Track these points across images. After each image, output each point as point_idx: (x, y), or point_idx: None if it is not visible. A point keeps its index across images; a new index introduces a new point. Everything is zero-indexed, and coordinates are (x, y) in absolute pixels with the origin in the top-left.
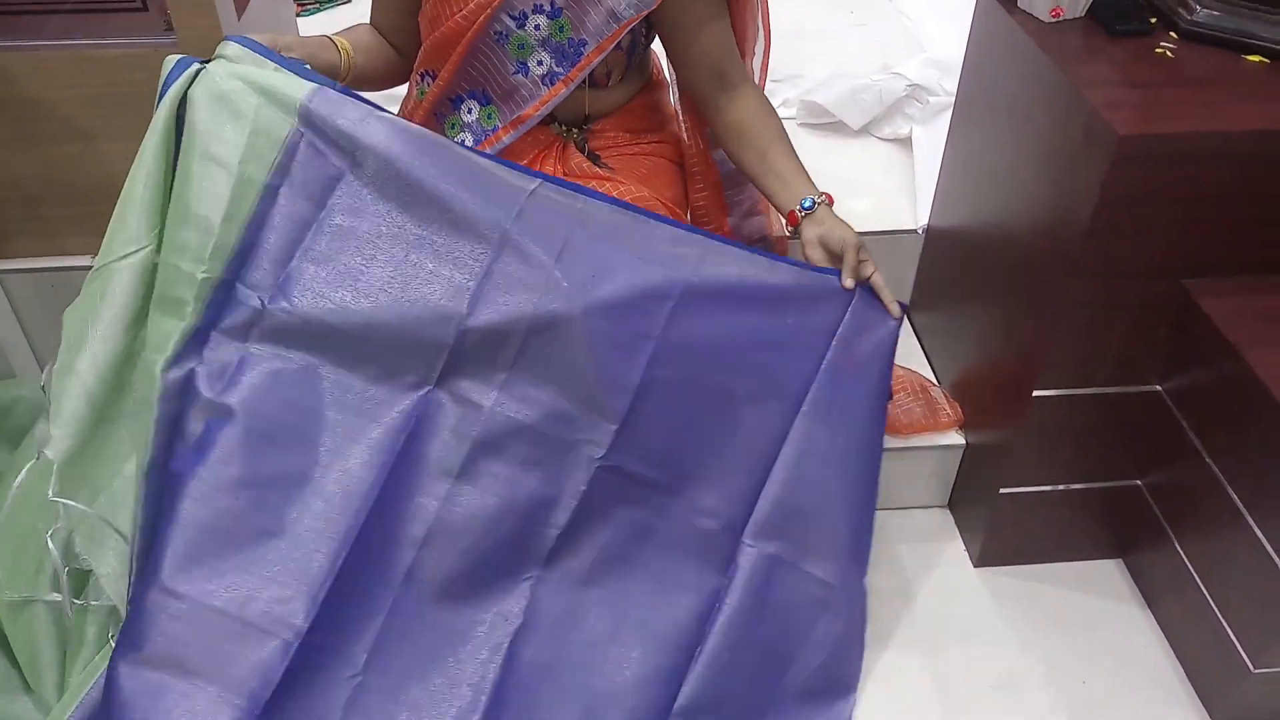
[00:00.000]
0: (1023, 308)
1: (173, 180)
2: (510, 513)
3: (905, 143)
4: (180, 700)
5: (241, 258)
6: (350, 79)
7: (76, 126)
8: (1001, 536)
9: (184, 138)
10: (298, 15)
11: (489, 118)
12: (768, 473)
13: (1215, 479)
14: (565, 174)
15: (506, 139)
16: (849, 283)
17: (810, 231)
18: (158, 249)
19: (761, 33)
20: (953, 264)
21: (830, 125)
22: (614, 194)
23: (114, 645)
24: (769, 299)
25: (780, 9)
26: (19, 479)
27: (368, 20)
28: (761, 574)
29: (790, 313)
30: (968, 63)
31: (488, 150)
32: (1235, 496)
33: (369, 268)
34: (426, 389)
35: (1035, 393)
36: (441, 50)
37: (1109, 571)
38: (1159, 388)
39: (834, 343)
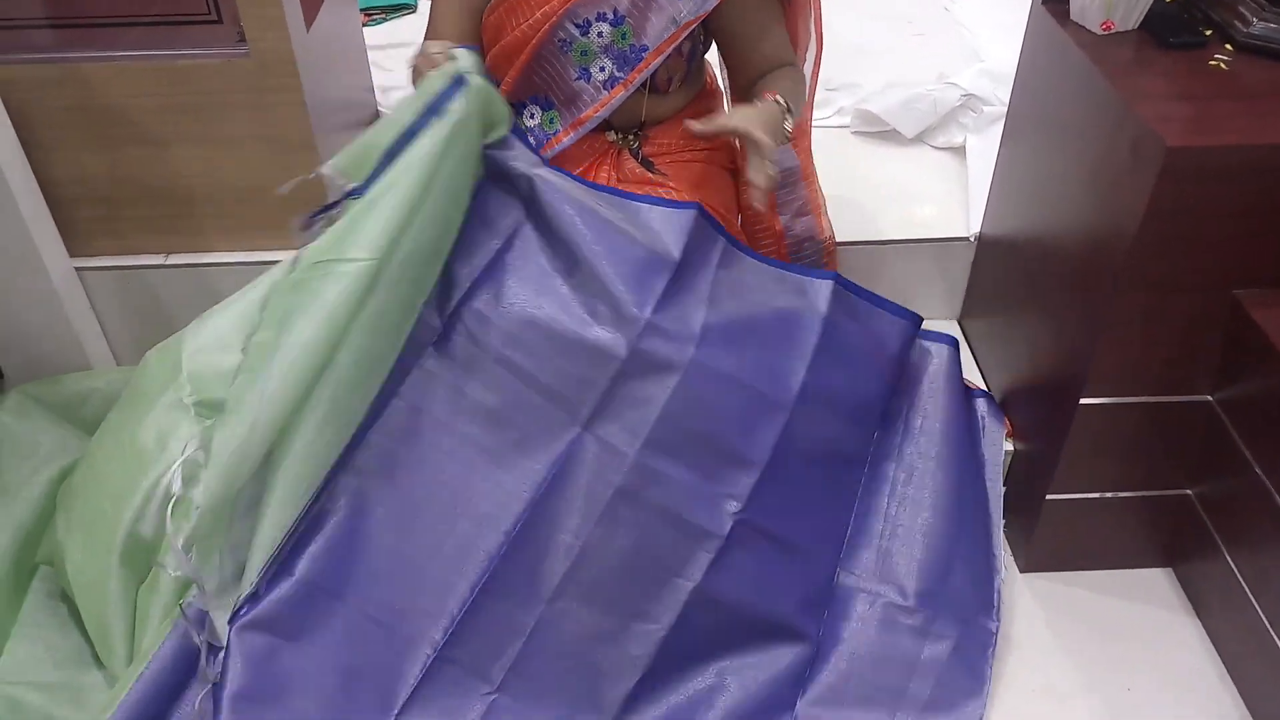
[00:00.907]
0: (1072, 317)
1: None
2: (647, 559)
3: (959, 151)
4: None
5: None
6: None
7: (149, 132)
8: (1047, 542)
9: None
10: (364, 26)
11: (550, 122)
12: (870, 521)
13: (1266, 490)
14: (619, 180)
15: (566, 140)
16: (758, 176)
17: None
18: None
19: (814, 38)
20: (1004, 272)
21: (884, 134)
22: (666, 197)
23: (232, 618)
24: (880, 362)
25: (842, 23)
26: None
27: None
28: (873, 620)
29: (889, 374)
30: (1020, 74)
31: (547, 154)
32: None
33: (541, 303)
34: (576, 430)
35: (1083, 400)
36: (507, 58)
37: (1157, 580)
38: (1210, 398)
39: (917, 403)
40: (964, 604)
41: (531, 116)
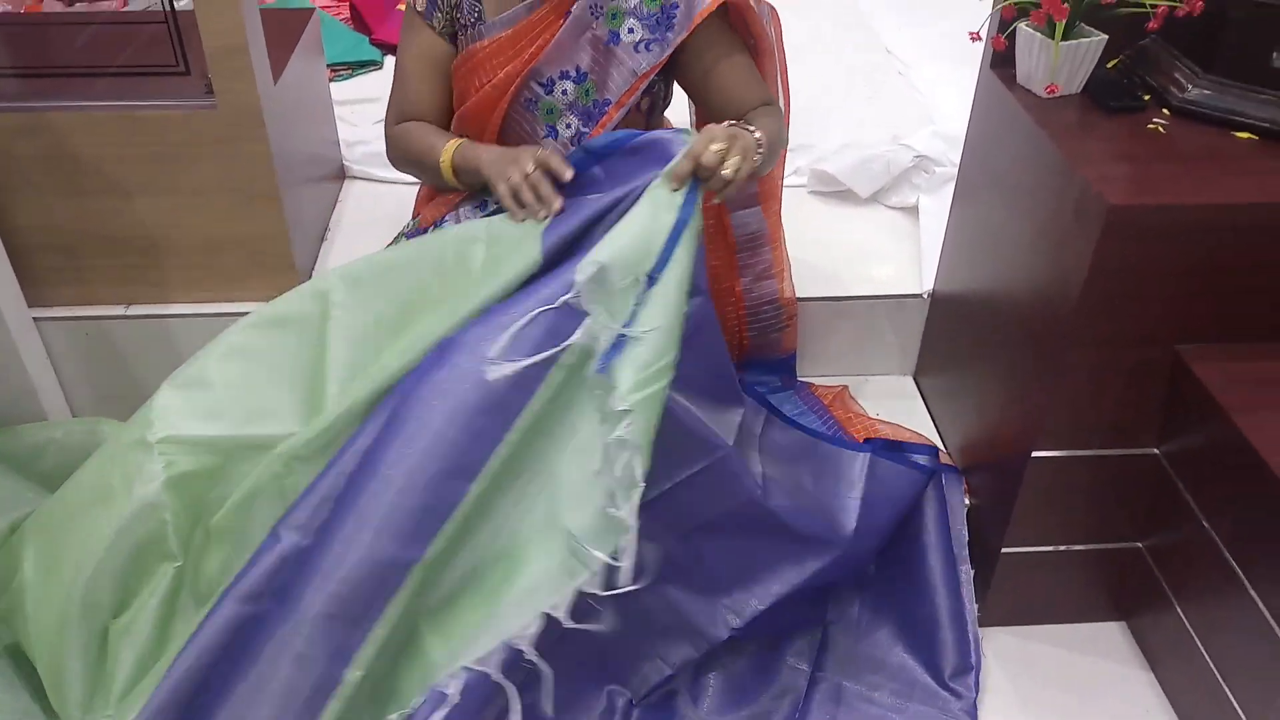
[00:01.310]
0: (1022, 372)
1: None
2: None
3: (912, 211)
4: None
5: None
6: None
7: (116, 182)
8: (1004, 596)
9: None
10: (330, 81)
11: None
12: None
13: (1212, 541)
14: None
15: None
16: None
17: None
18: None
19: (781, 92)
20: (956, 329)
21: (839, 193)
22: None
23: None
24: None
25: (797, 83)
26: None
27: (387, 121)
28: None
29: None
30: (970, 136)
31: None
32: (1232, 559)
33: None
34: None
35: (1034, 453)
36: (474, 119)
37: (1111, 634)
38: (1156, 450)
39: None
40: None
41: None
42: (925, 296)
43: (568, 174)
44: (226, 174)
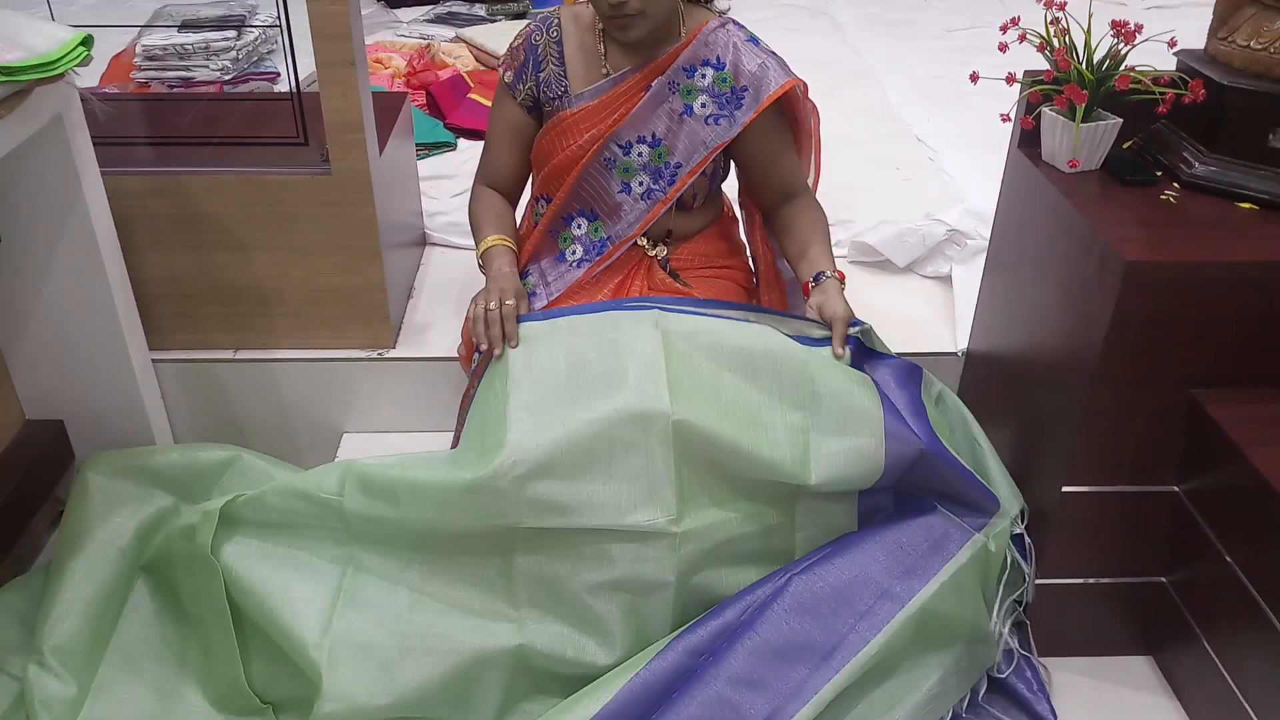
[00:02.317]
0: (1052, 414)
1: None
2: None
3: (945, 280)
4: None
5: None
6: None
7: (235, 239)
8: (1036, 628)
9: None
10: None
11: (595, 230)
12: None
13: (1234, 575)
14: (650, 288)
15: (617, 254)
16: (839, 350)
17: (814, 299)
18: None
19: (814, 169)
20: (990, 381)
21: (879, 263)
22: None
23: None
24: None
25: (836, 167)
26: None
27: (477, 176)
28: None
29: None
30: (1000, 208)
31: (600, 268)
32: (1253, 590)
33: None
34: None
35: (1064, 488)
36: (558, 176)
37: (1139, 667)
38: (1176, 488)
39: None
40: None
41: (579, 226)
42: (960, 355)
43: (514, 341)
44: (335, 234)
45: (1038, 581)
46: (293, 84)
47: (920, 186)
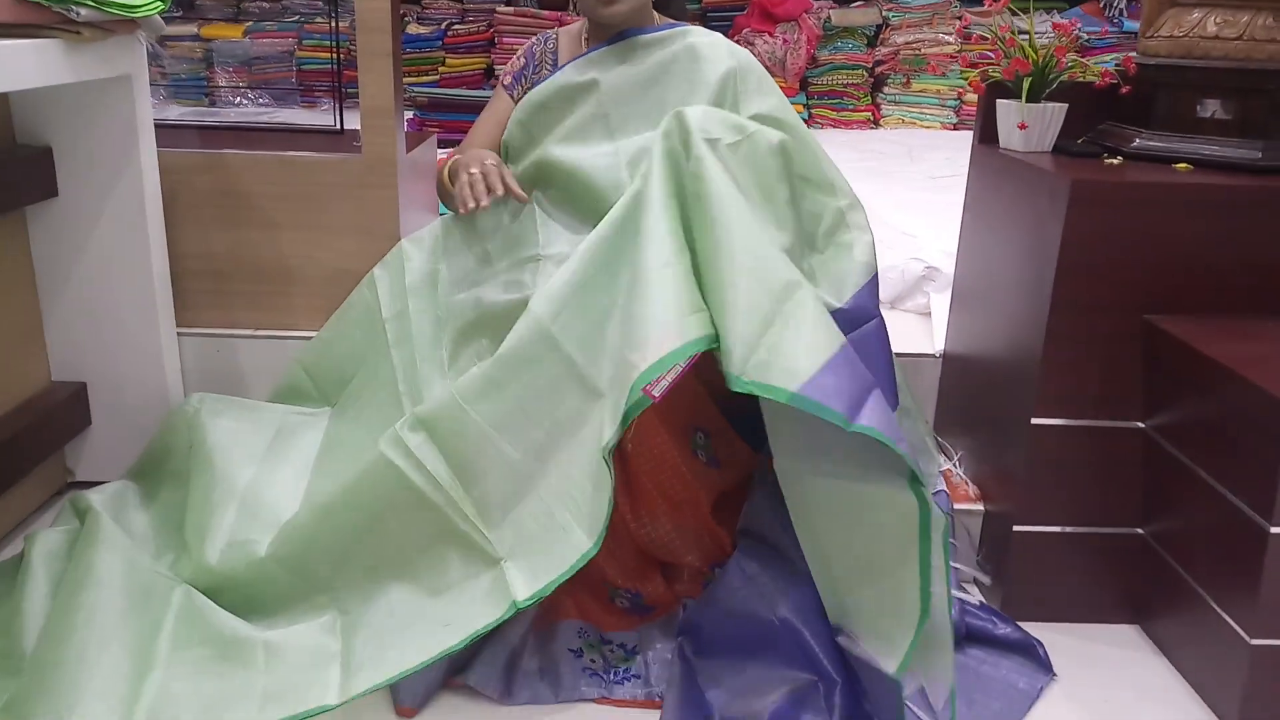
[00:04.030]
0: (1020, 352)
1: None
2: None
3: (926, 316)
4: None
5: None
6: None
7: (268, 217)
8: (1022, 585)
9: None
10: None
11: None
12: None
13: (1215, 509)
14: None
15: None
16: None
17: None
18: None
19: None
20: (965, 374)
21: None
22: None
23: None
24: None
25: None
26: None
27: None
28: None
29: None
30: (966, 199)
31: None
32: (1234, 500)
33: None
34: None
35: (1033, 420)
36: None
37: (1128, 635)
38: (1142, 424)
39: None
40: None
41: None
42: (938, 356)
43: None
44: (359, 215)
45: (1015, 529)
46: (335, 71)
47: (896, 250)
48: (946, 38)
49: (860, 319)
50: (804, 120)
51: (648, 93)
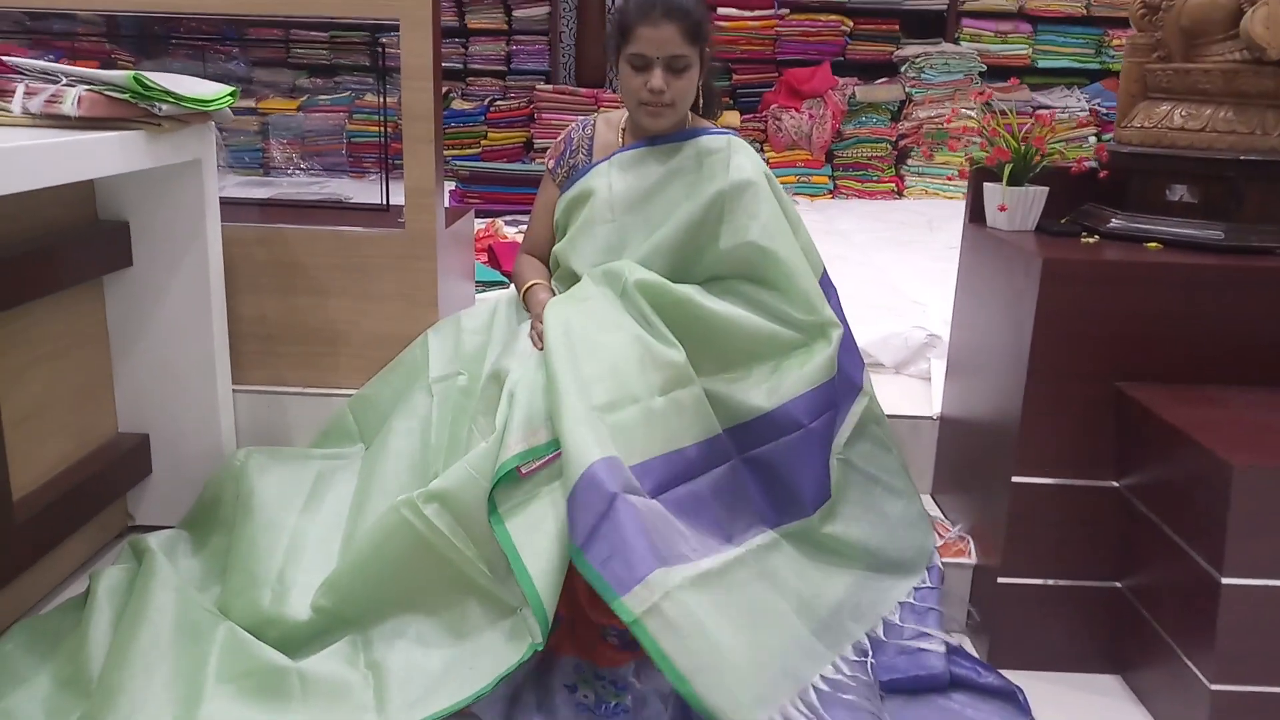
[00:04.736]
0: (1001, 415)
1: None
2: None
3: (927, 381)
4: None
5: None
6: None
7: (319, 285)
8: (1008, 637)
9: None
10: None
11: None
12: None
13: (1187, 564)
14: None
15: None
16: None
17: None
18: None
19: None
20: (960, 435)
21: (870, 364)
22: None
23: None
24: None
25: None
26: None
27: (521, 246)
28: None
29: None
30: (959, 273)
31: None
32: (1205, 563)
33: None
34: None
35: (1014, 478)
36: None
37: (1109, 685)
38: (1116, 484)
39: None
40: None
41: None
42: (935, 419)
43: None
44: (402, 284)
45: (1000, 580)
46: (384, 154)
47: (901, 317)
48: (968, 111)
49: (785, 427)
50: (828, 191)
51: (650, 201)
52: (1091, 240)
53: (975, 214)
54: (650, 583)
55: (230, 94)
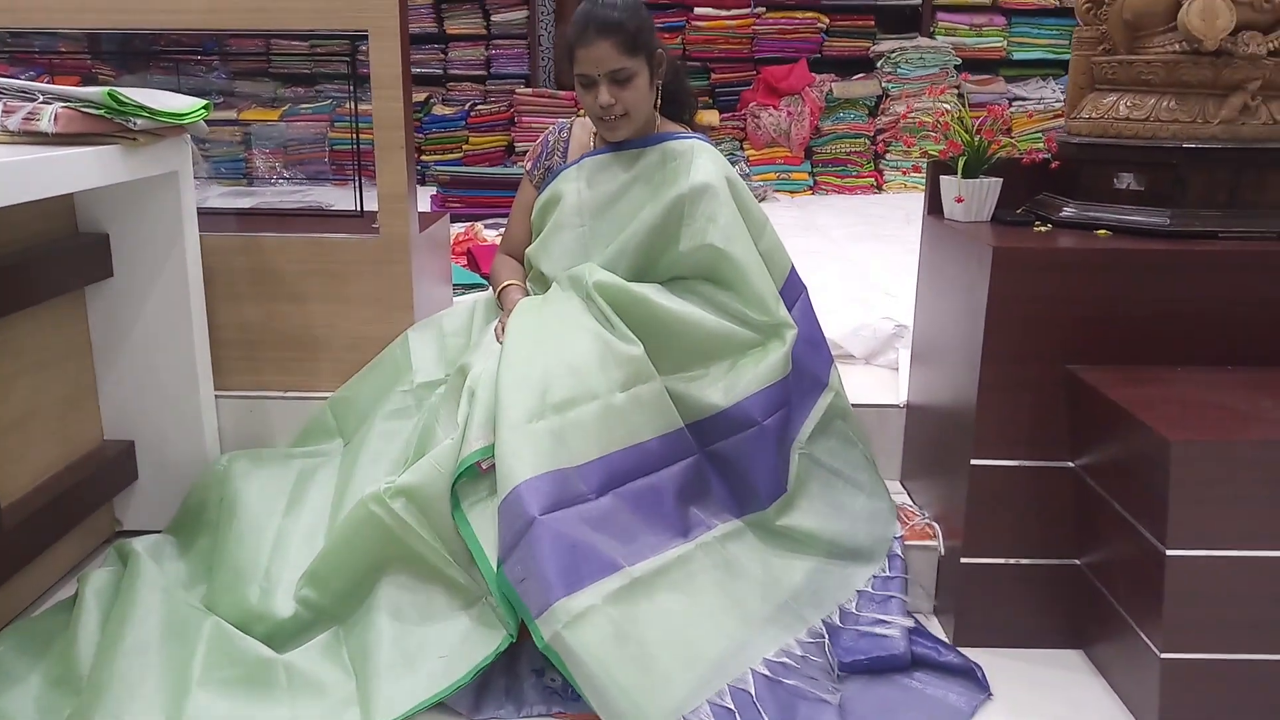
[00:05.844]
0: (960, 400)
1: None
2: None
3: (895, 371)
4: None
5: None
6: None
7: (296, 292)
8: (973, 616)
9: None
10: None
11: None
12: None
13: (1138, 542)
14: None
15: None
16: None
17: None
18: None
19: None
20: (925, 424)
21: (840, 356)
22: None
23: None
24: None
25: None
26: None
27: (499, 247)
28: None
29: None
30: (920, 264)
31: None
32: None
33: None
34: None
35: (973, 460)
36: None
37: (1072, 660)
38: (1072, 464)
39: None
40: None
41: None
42: (902, 406)
43: None
44: (377, 287)
45: (962, 560)
46: (355, 162)
47: (874, 308)
48: (945, 106)
49: (741, 424)
50: (809, 188)
51: (616, 205)
52: (1044, 229)
53: (934, 206)
54: (554, 612)
55: (204, 107)
